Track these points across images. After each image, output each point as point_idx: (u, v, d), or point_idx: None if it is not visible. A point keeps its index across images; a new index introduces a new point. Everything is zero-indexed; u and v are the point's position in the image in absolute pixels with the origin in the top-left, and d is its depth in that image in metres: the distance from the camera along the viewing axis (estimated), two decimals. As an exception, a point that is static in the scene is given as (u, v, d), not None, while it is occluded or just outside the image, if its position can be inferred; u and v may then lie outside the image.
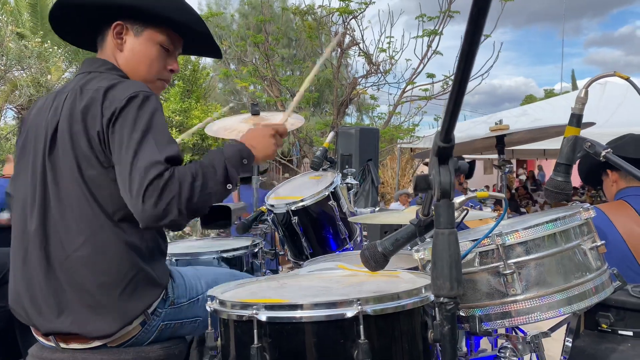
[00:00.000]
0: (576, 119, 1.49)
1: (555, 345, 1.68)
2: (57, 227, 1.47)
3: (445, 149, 0.89)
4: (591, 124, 1.74)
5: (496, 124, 1.84)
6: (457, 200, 1.31)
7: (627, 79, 1.41)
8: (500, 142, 1.87)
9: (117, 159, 1.40)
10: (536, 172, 17.28)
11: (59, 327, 1.46)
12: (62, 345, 1.50)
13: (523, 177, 16.48)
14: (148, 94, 1.45)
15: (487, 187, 13.91)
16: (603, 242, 1.43)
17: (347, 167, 2.94)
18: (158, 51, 1.67)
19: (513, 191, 13.45)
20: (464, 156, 4.28)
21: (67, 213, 1.46)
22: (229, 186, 1.45)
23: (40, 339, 1.56)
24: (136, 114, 1.41)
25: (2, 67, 8.92)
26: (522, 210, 12.72)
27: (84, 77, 1.56)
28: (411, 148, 11.42)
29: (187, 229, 8.71)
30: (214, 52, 1.89)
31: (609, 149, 1.44)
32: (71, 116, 1.46)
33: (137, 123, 1.39)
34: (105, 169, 1.44)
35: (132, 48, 1.64)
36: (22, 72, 9.68)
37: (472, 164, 3.65)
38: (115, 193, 1.42)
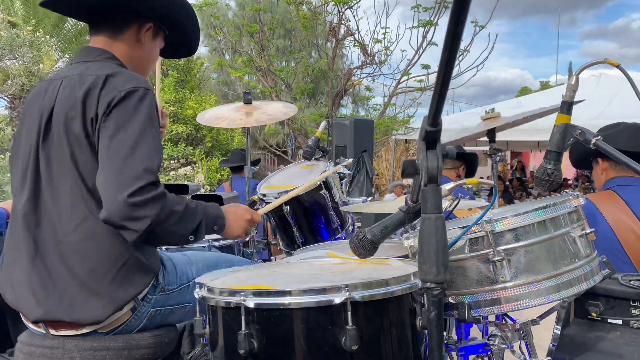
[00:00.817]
0: (567, 107, 1.48)
1: (545, 335, 1.69)
2: (48, 212, 1.47)
3: (432, 133, 0.88)
4: (581, 100, 1.73)
5: (487, 112, 1.83)
6: (446, 187, 1.31)
7: (618, 66, 1.40)
8: (491, 130, 1.87)
9: (106, 145, 1.39)
10: (531, 164, 17.32)
11: (47, 314, 1.46)
12: (52, 332, 1.50)
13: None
14: (149, 89, 1.47)
15: (481, 178, 13.90)
16: (592, 229, 1.43)
17: (341, 157, 2.93)
18: (157, 55, 1.77)
19: (507, 183, 13.47)
20: (465, 148, 4.25)
21: (59, 198, 1.46)
22: (191, 238, 1.48)
23: (31, 325, 1.56)
24: (135, 107, 1.41)
25: (-6, 56, 8.84)
26: (516, 202, 12.76)
27: (82, 65, 1.56)
28: (406, 139, 11.43)
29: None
30: (185, 54, 1.95)
31: (599, 137, 1.44)
32: (67, 101, 1.46)
33: (135, 117, 1.40)
34: (96, 154, 1.43)
35: (148, 48, 1.70)
36: (14, 61, 9.59)
37: (474, 157, 3.61)
38: None
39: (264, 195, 2.44)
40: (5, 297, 1.56)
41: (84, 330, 1.48)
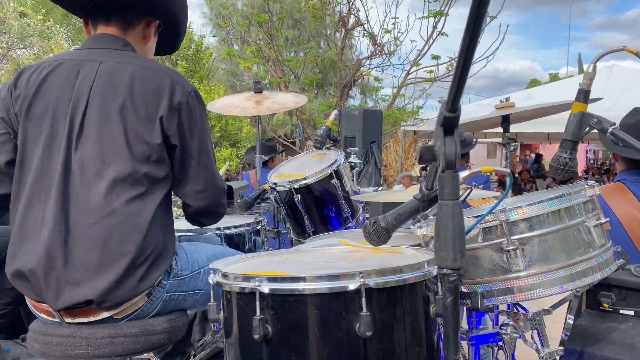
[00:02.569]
0: (583, 95, 1.47)
1: (556, 327, 1.69)
2: (81, 194, 1.46)
3: (451, 119, 0.87)
4: (599, 99, 1.71)
5: (501, 101, 1.82)
6: (462, 175, 1.30)
7: (637, 54, 1.38)
8: (505, 120, 1.86)
9: (194, 144, 1.58)
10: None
11: (74, 298, 1.44)
12: (68, 320, 1.50)
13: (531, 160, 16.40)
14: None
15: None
16: (608, 219, 1.42)
17: (350, 147, 2.92)
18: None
19: (516, 175, 13.40)
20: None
21: (96, 182, 1.46)
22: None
23: (43, 315, 1.55)
24: (202, 113, 1.61)
25: (5, 46, 8.88)
26: (525, 194, 12.69)
27: (112, 52, 1.58)
28: (415, 131, 11.37)
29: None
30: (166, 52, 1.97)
31: (616, 125, 1.42)
32: (120, 90, 1.50)
33: (204, 124, 1.62)
34: (153, 147, 1.50)
35: (150, 45, 1.75)
36: (24, 50, 9.64)
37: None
38: (158, 169, 1.52)
39: (274, 183, 2.44)
40: (19, 283, 1.52)
41: (101, 316, 1.48)
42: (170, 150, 1.56)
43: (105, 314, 1.48)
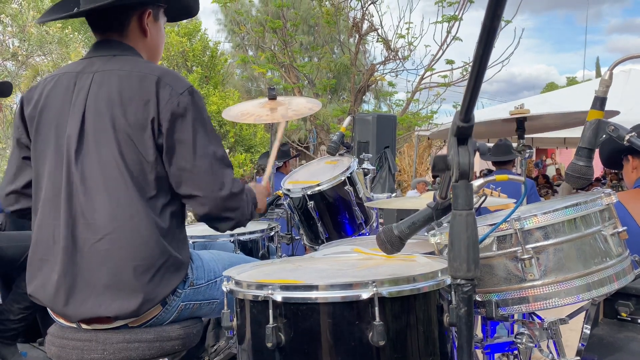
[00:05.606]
0: (599, 102, 1.45)
1: (572, 336, 1.66)
2: (86, 209, 1.46)
3: (464, 129, 0.87)
4: (615, 112, 1.69)
5: (516, 107, 1.80)
6: (476, 183, 1.29)
7: (654, 61, 1.37)
8: (520, 127, 1.84)
9: (187, 149, 1.47)
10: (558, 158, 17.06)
11: (84, 313, 1.46)
12: (84, 326, 1.52)
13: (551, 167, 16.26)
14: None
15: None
16: (625, 228, 1.40)
17: (363, 153, 2.92)
18: (163, 33, 1.73)
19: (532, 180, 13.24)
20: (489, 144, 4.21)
21: (98, 196, 1.45)
22: (249, 217, 1.66)
23: (61, 321, 1.57)
24: (196, 113, 1.49)
25: (24, 53, 9.04)
26: (542, 199, 12.56)
27: (109, 59, 1.55)
28: (429, 136, 11.32)
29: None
30: (188, 16, 1.90)
31: (633, 133, 1.40)
32: (110, 99, 1.46)
33: (199, 125, 1.50)
34: (147, 156, 1.46)
35: (154, 34, 1.66)
36: (43, 57, 9.79)
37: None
38: (156, 177, 1.47)
39: (288, 190, 2.45)
40: (37, 297, 1.54)
41: (116, 324, 1.50)
42: (165, 156, 1.49)
43: (120, 322, 1.50)
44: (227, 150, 14.31)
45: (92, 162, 1.47)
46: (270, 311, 1.15)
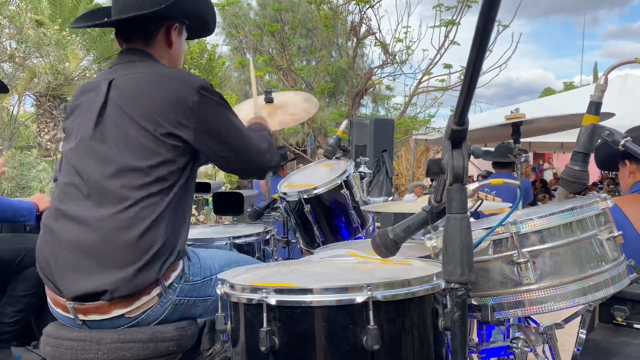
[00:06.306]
0: (595, 107, 1.45)
1: (569, 340, 1.66)
2: (100, 186, 1.53)
3: (458, 132, 0.87)
4: (611, 114, 1.70)
5: (512, 112, 1.81)
6: (470, 187, 1.29)
7: (650, 65, 1.37)
8: (516, 131, 1.84)
9: (218, 133, 1.62)
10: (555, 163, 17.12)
11: (84, 287, 1.49)
12: (81, 316, 1.53)
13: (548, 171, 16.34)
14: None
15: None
16: (620, 232, 1.40)
17: (361, 157, 2.92)
18: (184, 46, 1.86)
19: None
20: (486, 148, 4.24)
21: (112, 177, 1.53)
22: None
23: (59, 310, 1.58)
24: (215, 104, 1.61)
25: (21, 55, 9.01)
26: (539, 204, 12.59)
27: (127, 65, 1.66)
28: (426, 139, 11.34)
29: (201, 217, 8.77)
30: (204, 35, 2.03)
31: (628, 137, 1.41)
32: (133, 98, 1.57)
33: (220, 113, 1.63)
34: (164, 140, 1.54)
35: (177, 46, 1.79)
36: (40, 59, 9.76)
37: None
38: (170, 172, 1.55)
39: (284, 193, 2.44)
40: (42, 271, 1.59)
41: (113, 314, 1.51)
42: (196, 150, 1.61)
43: (116, 312, 1.50)
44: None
45: (118, 146, 1.55)
46: (265, 315, 1.15)
